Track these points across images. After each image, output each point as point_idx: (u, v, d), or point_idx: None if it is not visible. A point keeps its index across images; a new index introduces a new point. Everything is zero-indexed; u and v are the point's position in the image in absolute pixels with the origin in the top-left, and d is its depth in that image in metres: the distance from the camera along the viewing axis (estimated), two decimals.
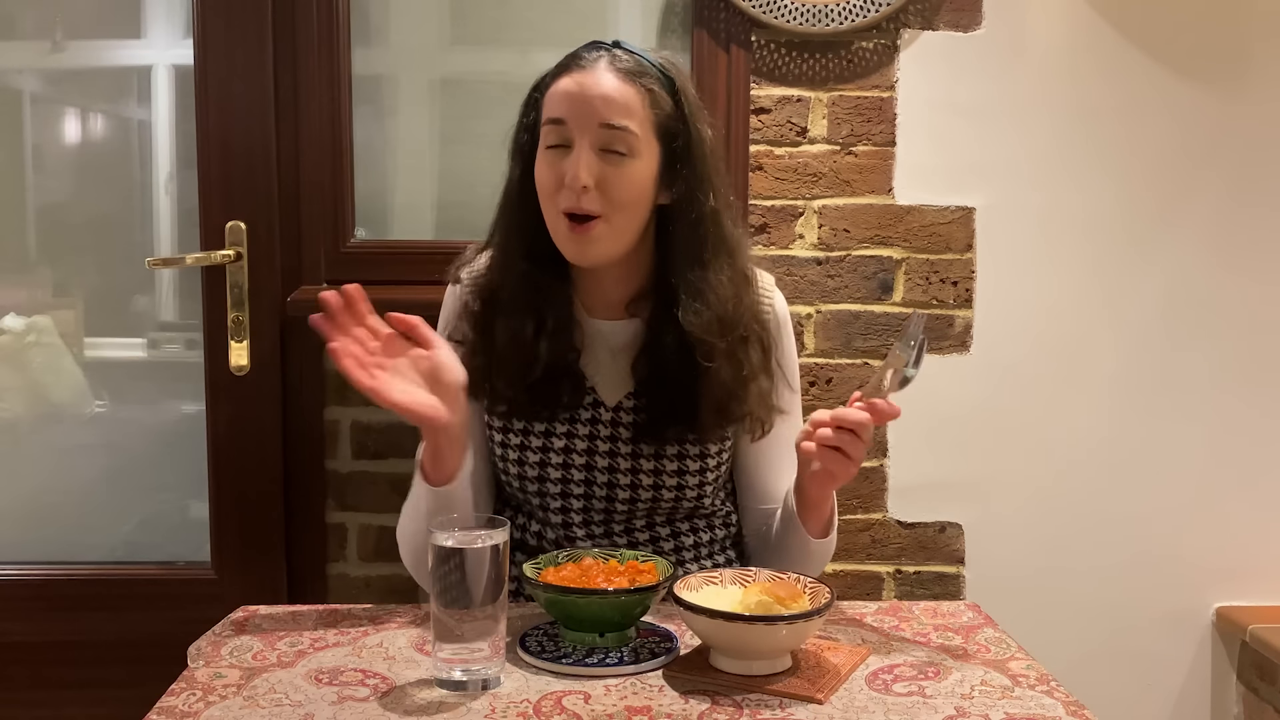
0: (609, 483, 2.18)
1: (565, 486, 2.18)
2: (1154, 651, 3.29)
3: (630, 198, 2.10)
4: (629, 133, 2.08)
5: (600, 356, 2.21)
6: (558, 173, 2.08)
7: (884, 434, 3.21)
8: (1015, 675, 1.79)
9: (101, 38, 3.36)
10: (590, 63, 2.11)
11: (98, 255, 3.42)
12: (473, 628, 1.71)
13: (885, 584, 3.26)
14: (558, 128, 2.09)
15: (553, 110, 2.10)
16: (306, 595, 3.22)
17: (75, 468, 3.43)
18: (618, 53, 2.13)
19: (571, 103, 2.08)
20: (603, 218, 2.08)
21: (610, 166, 2.07)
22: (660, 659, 1.82)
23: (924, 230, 3.16)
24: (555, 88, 2.11)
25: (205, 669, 1.80)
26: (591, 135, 2.07)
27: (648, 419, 2.17)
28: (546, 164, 2.10)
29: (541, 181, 2.12)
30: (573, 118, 2.08)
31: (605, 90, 2.08)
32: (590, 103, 2.07)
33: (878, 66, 3.13)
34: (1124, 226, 3.19)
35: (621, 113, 2.08)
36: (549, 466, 2.18)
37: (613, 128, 2.07)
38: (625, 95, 2.08)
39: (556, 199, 2.09)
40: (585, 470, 2.18)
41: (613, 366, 2.20)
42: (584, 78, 2.09)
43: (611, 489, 2.18)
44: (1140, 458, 3.25)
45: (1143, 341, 3.22)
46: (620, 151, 2.08)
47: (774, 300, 2.30)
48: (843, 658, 1.83)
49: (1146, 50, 3.14)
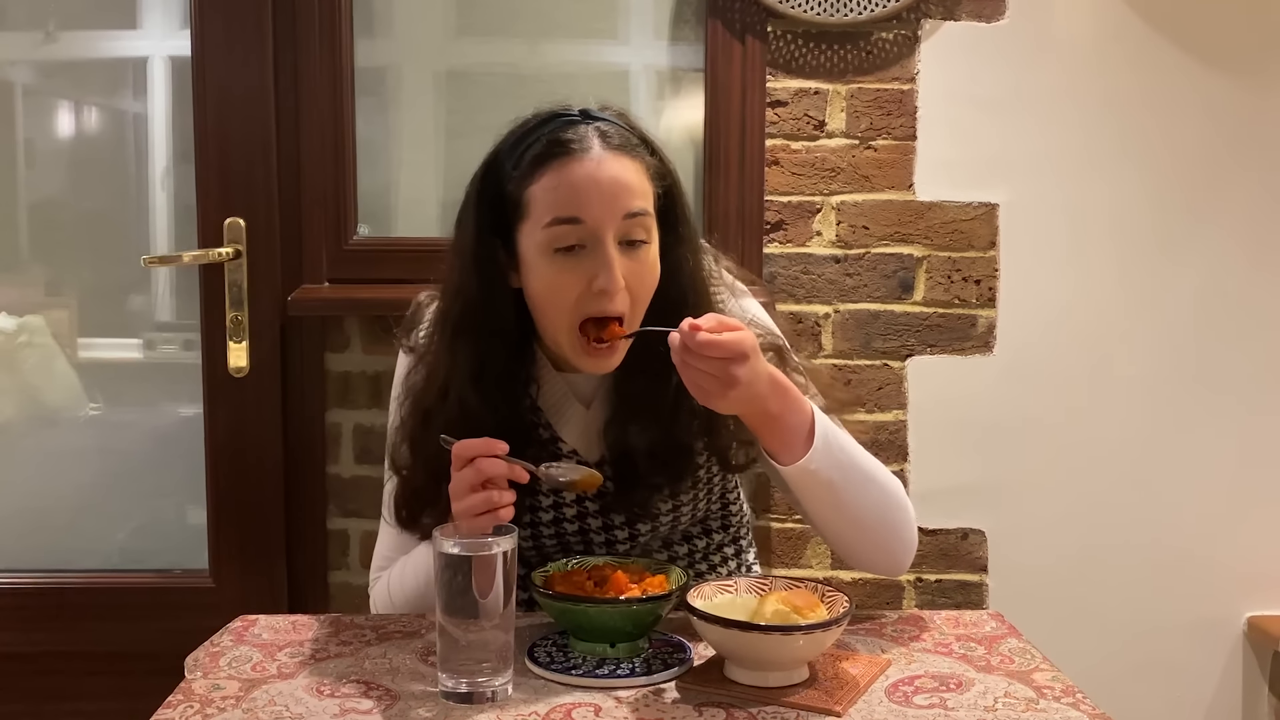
0: (606, 541, 2.15)
1: (561, 540, 2.16)
2: (1183, 662, 3.29)
3: (649, 285, 2.00)
4: (647, 216, 1.96)
5: (570, 412, 2.12)
6: (579, 278, 1.93)
7: (904, 437, 3.22)
8: (1040, 687, 1.78)
9: (96, 28, 3.37)
10: (581, 145, 1.94)
11: (92, 253, 3.43)
12: (479, 638, 1.70)
13: (906, 593, 3.27)
14: (574, 228, 1.92)
15: (562, 208, 1.92)
16: (307, 604, 3.23)
17: (69, 472, 3.43)
18: (601, 126, 1.97)
19: (589, 197, 1.91)
20: (624, 318, 1.97)
21: (631, 260, 1.95)
22: (673, 670, 1.81)
23: (946, 227, 3.17)
24: (554, 182, 1.94)
25: (203, 680, 1.80)
26: (614, 228, 1.92)
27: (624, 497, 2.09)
28: (560, 270, 1.94)
29: (556, 290, 1.96)
30: (593, 215, 1.91)
31: (617, 174, 1.93)
32: (610, 193, 1.92)
33: (898, 58, 3.14)
34: (1153, 223, 3.19)
35: (640, 196, 1.95)
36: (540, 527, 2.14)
37: (634, 215, 1.93)
38: (634, 175, 1.96)
39: (578, 307, 1.95)
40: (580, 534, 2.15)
41: (584, 422, 2.12)
42: (589, 166, 1.93)
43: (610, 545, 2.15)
44: (1170, 462, 3.25)
45: (1173, 342, 3.22)
46: (641, 240, 1.96)
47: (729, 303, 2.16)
48: (861, 669, 1.83)
49: (1176, 40, 3.14)
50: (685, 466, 2.09)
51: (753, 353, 1.83)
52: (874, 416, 3.21)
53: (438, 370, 2.06)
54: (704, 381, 1.82)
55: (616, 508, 2.12)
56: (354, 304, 3.16)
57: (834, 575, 3.21)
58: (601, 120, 1.98)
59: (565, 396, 2.12)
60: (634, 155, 1.97)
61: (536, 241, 1.94)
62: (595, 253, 1.92)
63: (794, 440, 1.96)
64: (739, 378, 1.81)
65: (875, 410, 3.21)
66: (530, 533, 2.13)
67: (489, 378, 2.02)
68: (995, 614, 2.11)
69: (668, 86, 3.28)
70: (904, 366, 3.20)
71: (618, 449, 2.09)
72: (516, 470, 1.85)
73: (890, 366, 3.18)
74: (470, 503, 1.83)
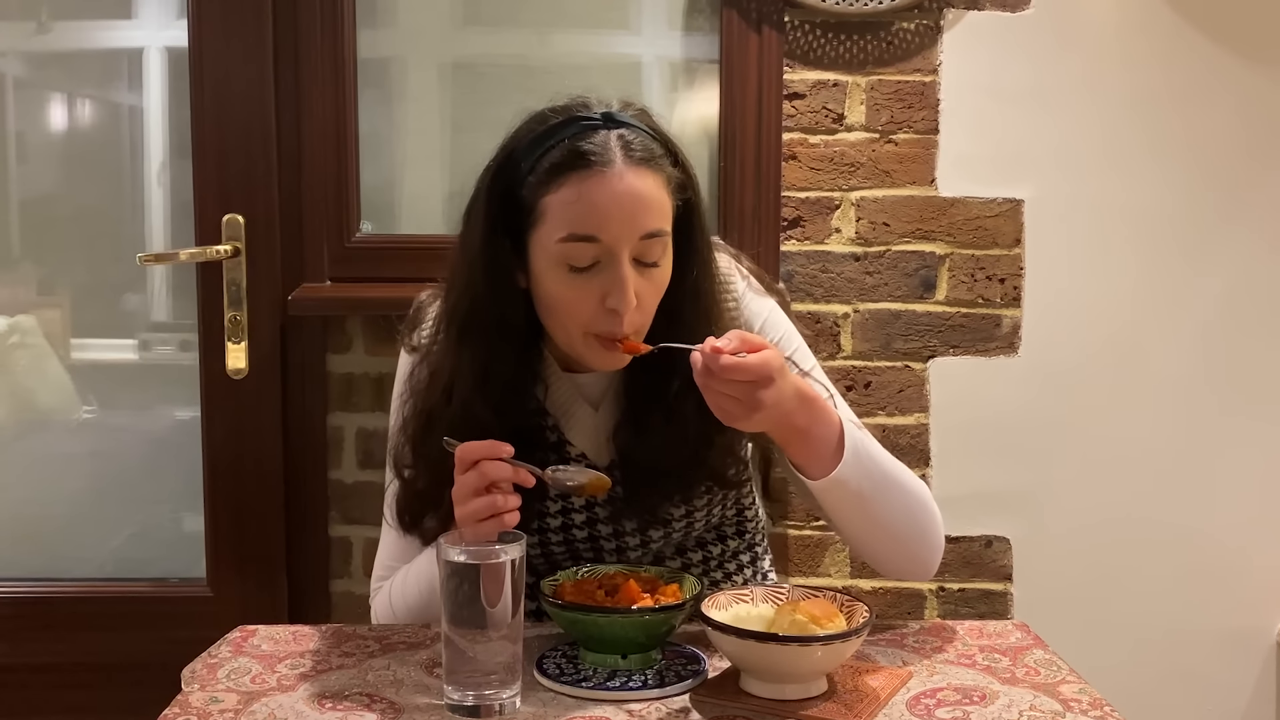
0: (617, 548, 2.16)
1: (570, 547, 2.16)
2: (1215, 674, 3.29)
3: (659, 297, 2.00)
4: (664, 234, 1.95)
5: (578, 414, 2.13)
6: (591, 294, 1.93)
7: (926, 441, 3.21)
8: (1067, 700, 1.78)
9: (89, 18, 3.37)
10: (603, 158, 1.91)
11: (86, 251, 3.43)
12: (486, 649, 1.70)
13: (927, 602, 3.26)
14: (590, 246, 1.91)
15: (580, 225, 1.91)
16: (308, 614, 3.23)
17: (61, 478, 3.44)
18: (623, 133, 1.95)
19: (607, 216, 1.90)
20: (635, 331, 1.97)
21: (644, 279, 1.95)
22: (687, 682, 1.81)
23: (969, 224, 3.16)
24: (573, 194, 1.92)
25: (200, 693, 1.80)
26: (630, 249, 1.92)
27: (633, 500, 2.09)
28: (573, 285, 1.94)
29: (566, 304, 1.96)
30: (612, 234, 1.90)
31: (638, 192, 1.92)
32: (629, 212, 1.91)
33: (919, 49, 3.14)
34: (1183, 220, 3.18)
35: (659, 216, 1.94)
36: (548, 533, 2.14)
37: (652, 236, 1.93)
38: (655, 192, 1.94)
39: (590, 324, 1.95)
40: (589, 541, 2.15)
41: (593, 424, 2.13)
42: (611, 181, 1.91)
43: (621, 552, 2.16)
44: (1201, 467, 3.24)
45: (1203, 342, 3.21)
46: (656, 261, 1.96)
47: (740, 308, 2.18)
48: (882, 681, 1.83)
49: (1207, 32, 3.13)
50: (697, 470, 2.09)
51: (778, 374, 1.83)
52: (895, 420, 3.20)
53: (442, 370, 2.07)
54: (727, 405, 1.83)
55: (627, 513, 2.11)
56: (356, 303, 3.16)
57: (853, 584, 3.21)
58: (624, 126, 1.96)
59: (573, 398, 2.13)
60: (656, 168, 1.95)
61: (549, 252, 1.94)
62: (609, 270, 1.92)
63: (823, 453, 1.96)
64: (764, 401, 1.82)
65: (896, 414, 3.20)
66: (538, 539, 2.13)
67: (496, 379, 2.02)
68: (1020, 624, 2.11)
69: (681, 78, 3.28)
70: (926, 368, 3.20)
71: (627, 451, 2.09)
72: (522, 474, 1.85)
73: (911, 368, 3.18)
74: (474, 507, 1.83)
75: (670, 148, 2.00)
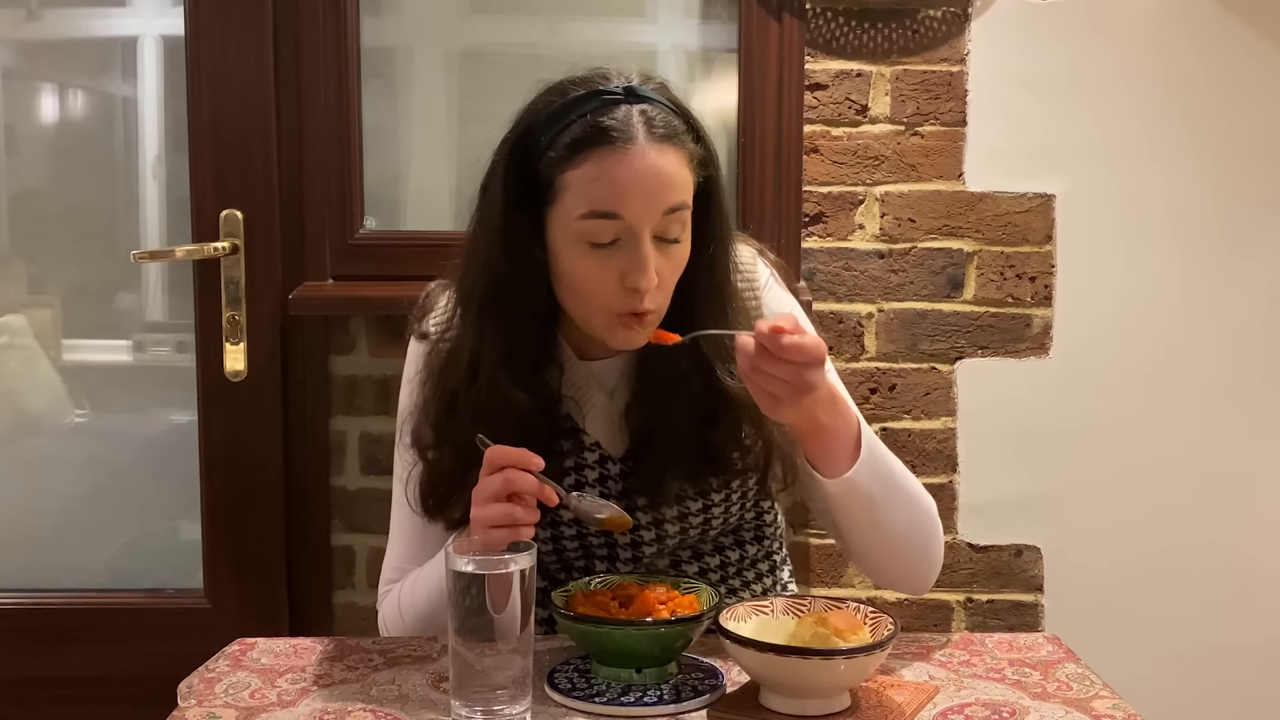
0: (632, 542, 2.16)
1: (584, 546, 2.17)
2: (1254, 690, 3.28)
3: (679, 273, 2.03)
4: (686, 209, 1.98)
5: (594, 400, 2.15)
6: (612, 273, 1.96)
7: (953, 446, 3.21)
8: (1100, 716, 1.78)
9: (82, 5, 3.38)
10: (625, 134, 1.94)
11: (78, 248, 3.44)
12: (495, 662, 1.70)
13: (955, 614, 3.26)
14: (612, 223, 1.94)
15: (601, 202, 1.93)
16: (309, 626, 3.23)
17: (53, 484, 3.45)
18: (645, 109, 1.97)
19: (629, 193, 1.93)
20: (656, 308, 1.99)
21: (664, 256, 1.97)
22: (704, 697, 1.81)
23: (998, 220, 3.16)
24: (595, 171, 1.94)
25: (197, 708, 1.81)
26: (652, 225, 1.95)
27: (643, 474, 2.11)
28: (593, 262, 1.97)
29: (588, 282, 1.99)
30: (634, 212, 1.93)
31: (661, 169, 1.94)
32: (651, 189, 1.94)
33: (947, 37, 3.14)
34: (1221, 215, 3.18)
35: (681, 192, 1.97)
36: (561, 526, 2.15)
37: (673, 211, 1.96)
38: (677, 169, 1.96)
39: (609, 302, 1.98)
40: (604, 539, 2.15)
41: (607, 412, 2.15)
42: (634, 158, 1.93)
43: (636, 547, 2.17)
44: (1240, 473, 3.24)
45: (1241, 342, 3.21)
46: (676, 238, 1.98)
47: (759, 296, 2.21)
48: (908, 696, 1.83)
49: (1246, 18, 3.13)
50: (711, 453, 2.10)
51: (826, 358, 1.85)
52: (921, 424, 3.20)
53: (462, 349, 2.09)
54: (777, 389, 1.83)
55: (639, 490, 2.12)
56: (360, 303, 3.17)
57: (877, 595, 3.20)
58: (646, 101, 1.98)
59: (588, 385, 2.15)
60: (678, 144, 1.97)
61: (569, 230, 1.97)
62: (630, 248, 1.94)
63: (840, 452, 1.99)
64: (815, 383, 1.83)
65: (922, 417, 3.21)
66: (550, 533, 2.15)
67: (521, 355, 2.05)
68: (1051, 637, 2.11)
69: (698, 68, 3.29)
70: (953, 370, 3.20)
71: (641, 431, 2.11)
72: (546, 491, 1.86)
73: (938, 370, 3.18)
74: (491, 513, 1.84)
75: (692, 123, 2.03)
